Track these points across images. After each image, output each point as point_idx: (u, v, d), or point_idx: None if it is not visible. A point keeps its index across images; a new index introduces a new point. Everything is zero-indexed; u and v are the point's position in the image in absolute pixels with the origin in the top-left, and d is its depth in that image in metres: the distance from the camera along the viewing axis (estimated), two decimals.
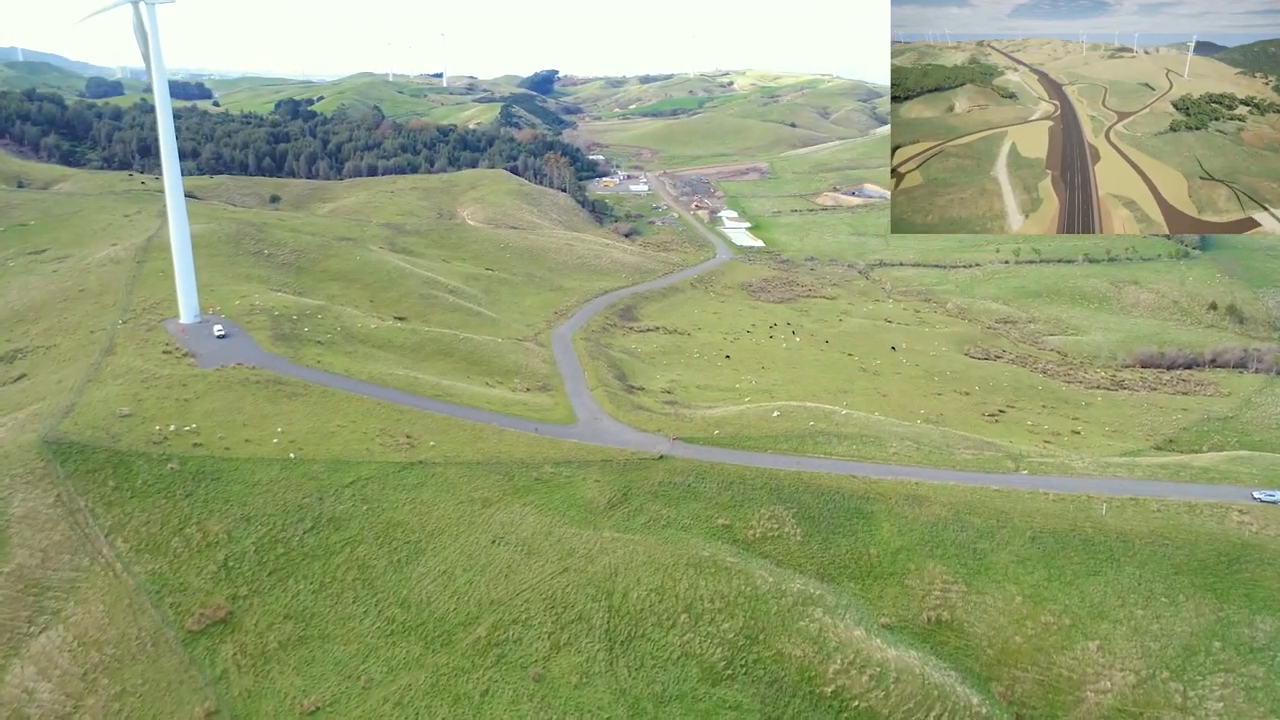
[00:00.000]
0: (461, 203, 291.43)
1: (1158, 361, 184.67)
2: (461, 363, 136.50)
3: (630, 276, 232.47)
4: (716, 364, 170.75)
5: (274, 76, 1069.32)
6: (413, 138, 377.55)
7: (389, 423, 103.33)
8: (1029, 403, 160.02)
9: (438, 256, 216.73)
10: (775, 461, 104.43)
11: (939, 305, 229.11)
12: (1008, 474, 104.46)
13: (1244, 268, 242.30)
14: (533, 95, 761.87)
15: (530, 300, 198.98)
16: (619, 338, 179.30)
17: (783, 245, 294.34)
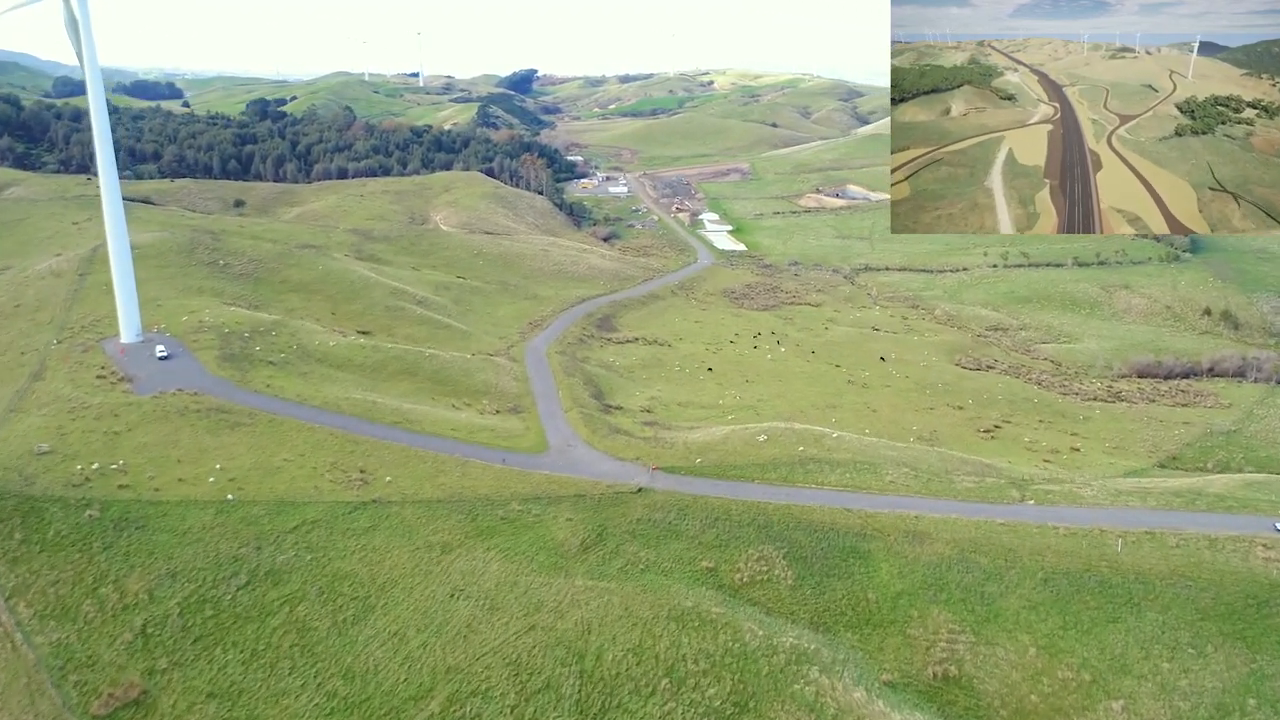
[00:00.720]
0: (434, 206, 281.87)
1: (1155, 371, 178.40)
2: (426, 383, 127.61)
3: (609, 283, 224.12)
4: (698, 378, 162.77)
5: (248, 76, 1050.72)
6: (385, 139, 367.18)
7: (342, 455, 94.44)
8: (1025, 417, 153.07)
9: (407, 264, 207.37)
10: (763, 493, 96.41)
11: (927, 312, 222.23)
12: (1013, 505, 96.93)
13: (1236, 271, 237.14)
14: (511, 95, 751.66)
15: (504, 310, 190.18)
16: (596, 350, 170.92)
17: (765, 249, 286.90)
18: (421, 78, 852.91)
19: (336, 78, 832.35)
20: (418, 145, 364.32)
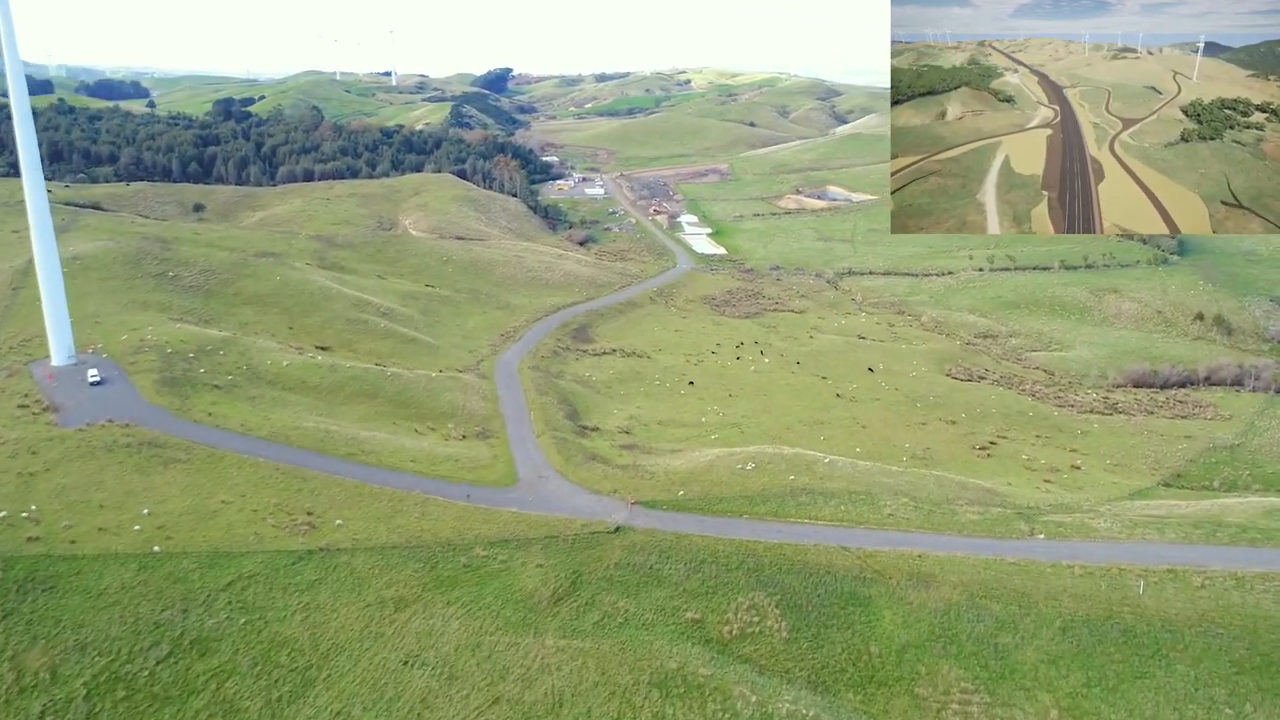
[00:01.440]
0: (403, 210, 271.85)
1: (1151, 380, 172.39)
2: (387, 405, 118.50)
3: (585, 290, 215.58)
4: (679, 392, 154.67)
5: (217, 75, 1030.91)
6: (354, 140, 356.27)
7: (288, 495, 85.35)
8: (1021, 432, 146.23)
9: (372, 272, 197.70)
10: (752, 530, 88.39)
11: (914, 318, 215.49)
12: (1022, 539, 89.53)
13: (1225, 274, 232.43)
14: (485, 94, 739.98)
15: (474, 321, 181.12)
16: (571, 363, 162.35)
17: (746, 253, 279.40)
18: (394, 77, 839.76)
19: (307, 77, 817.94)
20: (387, 146, 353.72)
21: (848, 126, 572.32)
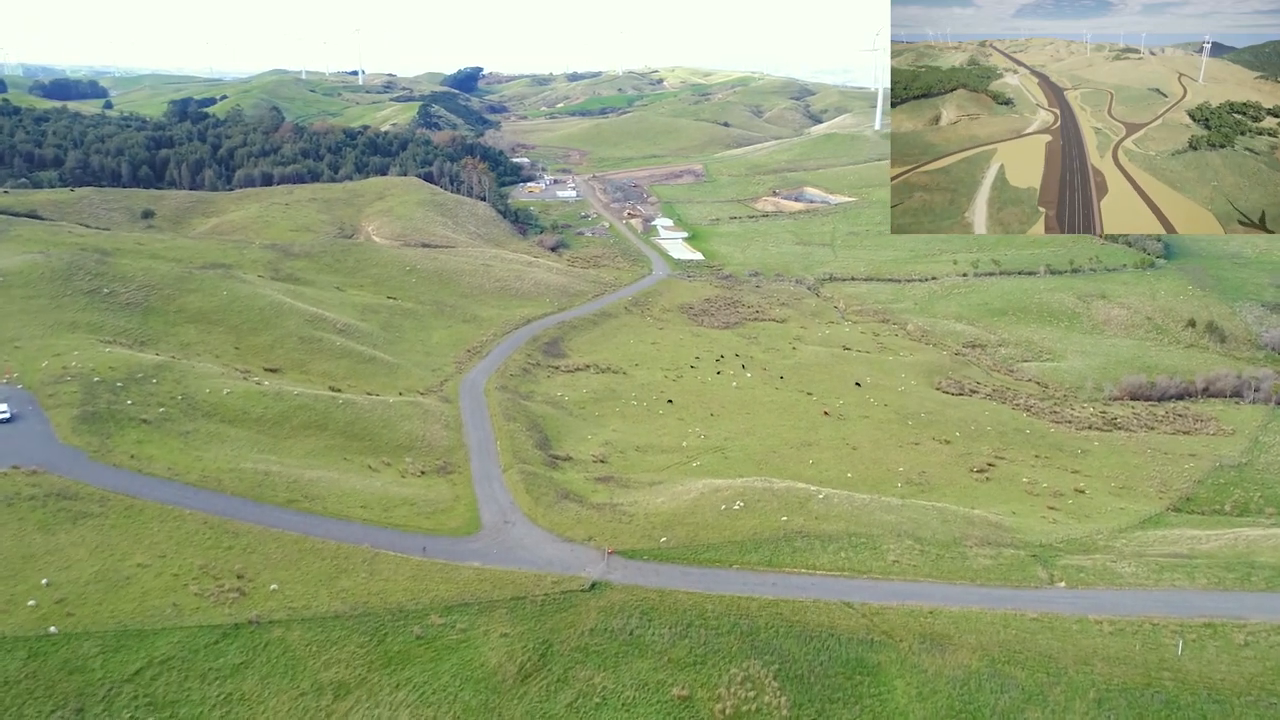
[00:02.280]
0: (366, 215, 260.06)
1: (1148, 393, 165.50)
2: (338, 438, 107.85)
3: (556, 300, 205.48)
4: (658, 412, 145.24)
5: (180, 74, 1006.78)
6: (315, 141, 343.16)
7: (216, 554, 74.78)
8: (1019, 452, 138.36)
9: (330, 284, 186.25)
10: (744, 583, 79.11)
11: (899, 326, 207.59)
12: (1042, 589, 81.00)
13: (1214, 278, 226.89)
14: (455, 94, 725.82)
15: (438, 336, 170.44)
16: (543, 382, 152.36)
17: (724, 258, 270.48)
18: (361, 76, 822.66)
19: (272, 76, 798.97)
20: (351, 148, 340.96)
21: (822, 126, 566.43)
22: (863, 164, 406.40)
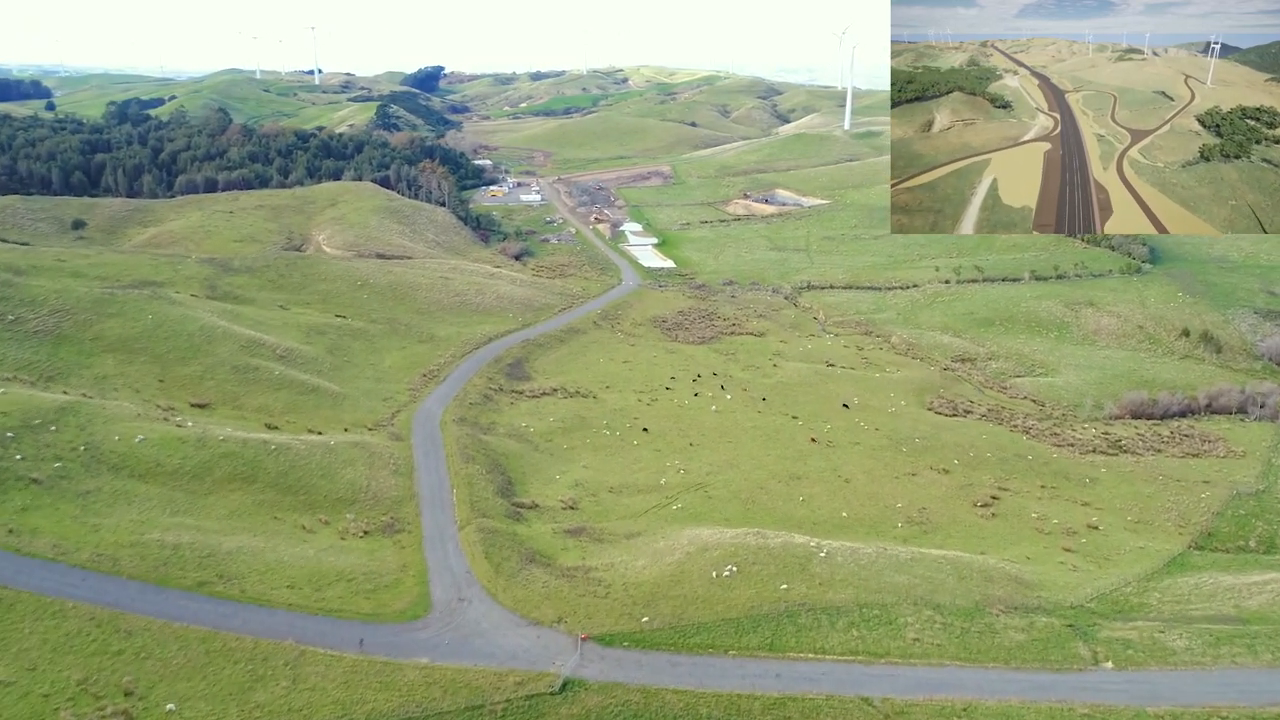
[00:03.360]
0: (317, 224, 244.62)
1: (1150, 411, 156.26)
2: (269, 492, 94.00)
3: (521, 315, 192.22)
4: (632, 443, 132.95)
5: (130, 74, 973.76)
6: (265, 144, 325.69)
7: (101, 663, 61.06)
8: (1023, 481, 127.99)
9: (273, 302, 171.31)
10: (743, 675, 67.00)
11: (883, 339, 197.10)
12: (1086, 671, 69.90)
13: (1203, 284, 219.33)
14: (415, 94, 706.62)
15: (391, 359, 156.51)
16: (505, 410, 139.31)
17: (696, 265, 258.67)
18: (318, 76, 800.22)
19: (225, 75, 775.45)
20: (302, 151, 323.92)
21: (791, 126, 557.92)
22: (833, 165, 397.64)
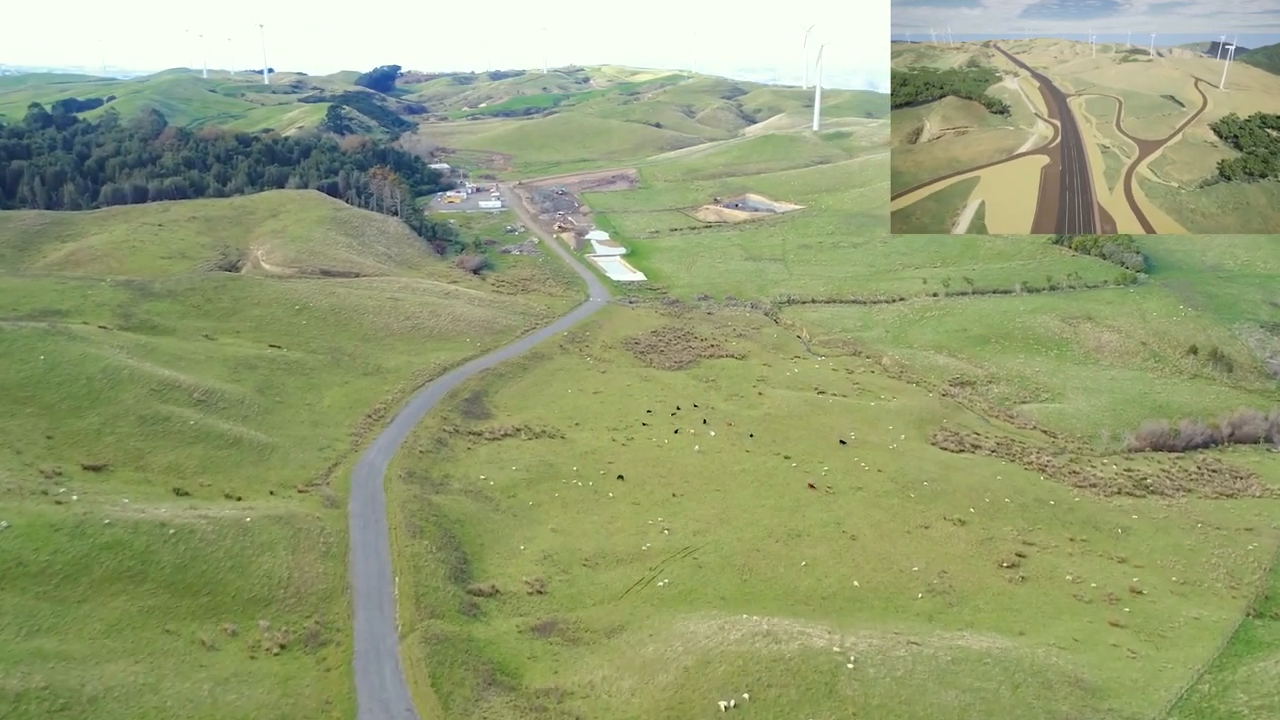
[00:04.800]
0: (256, 237, 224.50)
1: (1171, 442, 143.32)
2: (163, 594, 75.76)
3: (479, 340, 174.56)
4: (607, 494, 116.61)
5: (72, 73, 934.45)
6: (202, 149, 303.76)
7: None
8: (1049, 533, 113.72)
9: (198, 332, 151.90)
10: None
11: (873, 360, 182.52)
12: None
13: (1203, 296, 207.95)
14: (370, 94, 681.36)
15: (332, 397, 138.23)
16: (461, 458, 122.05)
17: (668, 278, 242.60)
18: (267, 75, 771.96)
19: (171, 75, 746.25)
20: (244, 156, 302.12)
21: (758, 126, 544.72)
22: (805, 168, 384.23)
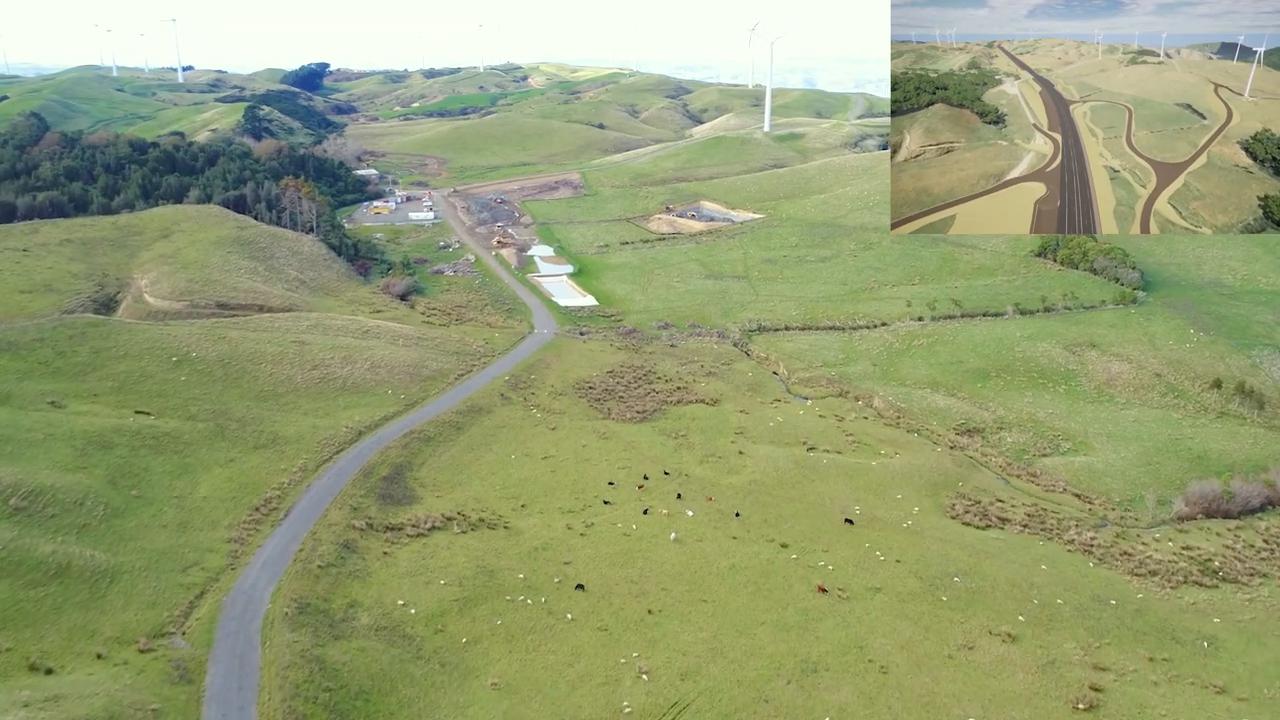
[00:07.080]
0: (141, 263, 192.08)
1: (1226, 508, 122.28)
2: None
3: (404, 390, 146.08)
4: (565, 617, 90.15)
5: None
6: (90, 157, 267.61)
7: None
8: (1121, 651, 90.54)
9: (42, 397, 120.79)
10: None
11: (863, 403, 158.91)
12: None
13: (1211, 317, 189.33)
14: (296, 93, 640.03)
15: (209, 483, 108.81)
16: (374, 572, 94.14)
17: (622, 301, 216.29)
18: (181, 73, 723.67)
19: (76, 72, 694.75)
20: (138, 165, 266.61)
21: (706, 127, 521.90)
22: (759, 172, 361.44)
